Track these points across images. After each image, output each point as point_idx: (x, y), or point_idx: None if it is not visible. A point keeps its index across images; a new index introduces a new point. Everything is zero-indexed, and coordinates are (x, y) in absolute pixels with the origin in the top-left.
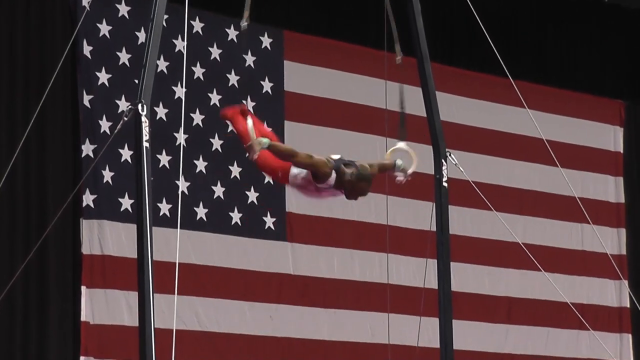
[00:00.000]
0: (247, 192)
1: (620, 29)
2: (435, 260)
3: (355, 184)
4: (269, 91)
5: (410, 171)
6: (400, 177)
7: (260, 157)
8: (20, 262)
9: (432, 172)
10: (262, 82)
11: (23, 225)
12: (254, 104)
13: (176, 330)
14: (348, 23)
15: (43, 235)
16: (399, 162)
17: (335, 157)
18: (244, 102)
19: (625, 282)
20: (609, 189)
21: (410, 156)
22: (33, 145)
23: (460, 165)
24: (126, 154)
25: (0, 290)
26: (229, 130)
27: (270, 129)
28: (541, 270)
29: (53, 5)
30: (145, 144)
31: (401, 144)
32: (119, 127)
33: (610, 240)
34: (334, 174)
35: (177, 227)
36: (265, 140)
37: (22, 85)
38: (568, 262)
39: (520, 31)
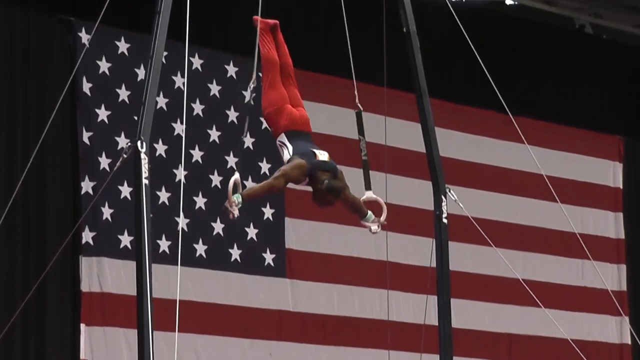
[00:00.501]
0: (246, 229)
1: (619, 65)
2: (436, 297)
3: (323, 192)
4: (268, 128)
5: (382, 220)
6: (373, 227)
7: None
8: (19, 300)
9: (432, 208)
10: (261, 119)
11: (22, 263)
12: (253, 139)
13: None
14: (345, 58)
15: (42, 273)
16: (370, 213)
17: (323, 157)
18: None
19: (626, 319)
20: (609, 224)
21: (380, 205)
22: (32, 182)
23: (460, 201)
24: (125, 190)
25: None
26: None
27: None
28: (541, 307)
29: (52, 42)
30: (145, 181)
31: (369, 193)
32: (118, 164)
33: (610, 276)
34: (307, 179)
35: (177, 264)
36: (238, 197)
37: (22, 122)
38: (568, 298)
39: (519, 67)
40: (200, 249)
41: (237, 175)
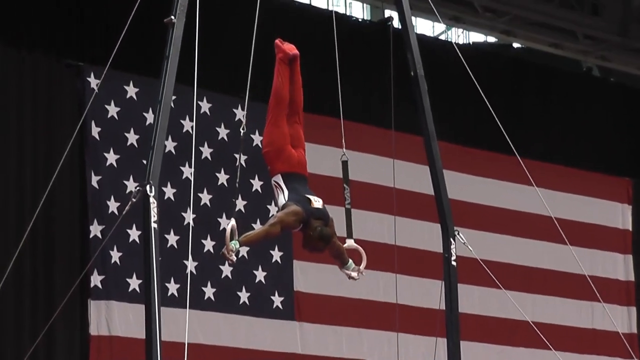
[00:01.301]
0: (254, 272)
1: (626, 108)
2: (445, 339)
3: (314, 238)
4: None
5: (361, 268)
6: (353, 275)
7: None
8: (28, 344)
9: (441, 251)
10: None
11: (30, 306)
12: (261, 182)
13: None
14: (354, 101)
15: (51, 316)
16: (350, 262)
17: (317, 204)
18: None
19: None
20: (618, 267)
21: (360, 254)
22: (41, 226)
23: (469, 243)
24: (134, 234)
25: None
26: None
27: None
28: (551, 349)
29: (61, 87)
30: (154, 225)
31: (350, 242)
32: (127, 208)
33: (620, 319)
34: (300, 226)
35: (185, 307)
36: (235, 244)
37: (31, 165)
38: (578, 340)
39: (526, 109)
40: (209, 291)
41: (233, 222)
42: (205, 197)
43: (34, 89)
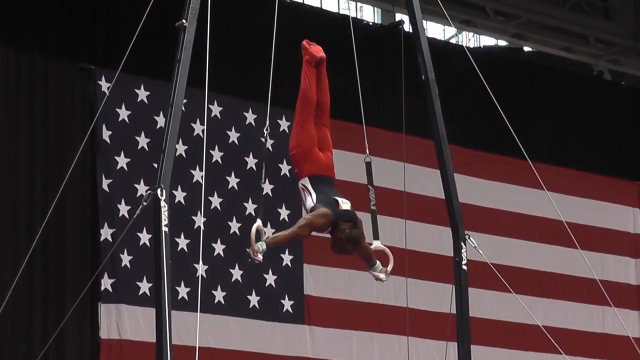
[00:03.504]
0: (265, 275)
1: (637, 111)
2: (456, 343)
3: (343, 240)
4: (287, 174)
5: (389, 269)
6: (381, 276)
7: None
8: (38, 348)
9: (451, 255)
10: (280, 165)
11: (41, 310)
12: (272, 186)
13: None
14: (364, 105)
15: (62, 320)
16: (378, 263)
17: (346, 206)
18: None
19: None
20: (630, 271)
21: (387, 255)
22: (52, 229)
23: (479, 247)
24: (144, 237)
25: None
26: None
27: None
28: (562, 354)
29: (72, 90)
30: (165, 228)
31: (377, 243)
32: (138, 211)
33: (632, 323)
34: (329, 228)
35: (195, 311)
36: (262, 245)
37: (42, 168)
38: (589, 345)
39: (537, 113)
40: (219, 295)
41: (259, 222)
42: (216, 201)
43: (46, 93)
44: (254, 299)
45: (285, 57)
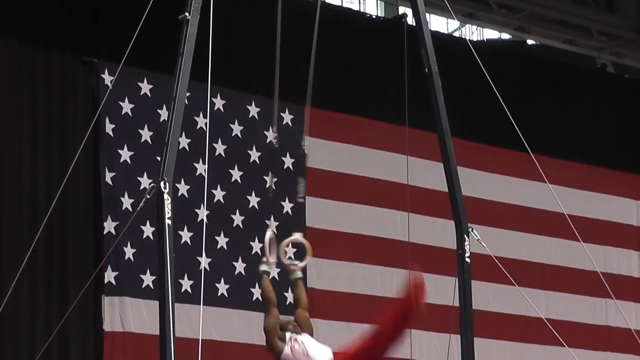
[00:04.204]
0: None
1: None
2: (459, 336)
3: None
4: (290, 167)
5: (305, 263)
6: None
7: None
8: (42, 340)
9: (455, 247)
10: (283, 159)
11: (45, 303)
12: (275, 179)
13: None
14: (368, 98)
15: (65, 312)
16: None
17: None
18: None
19: None
20: (633, 263)
21: (305, 246)
22: (55, 222)
23: (483, 240)
24: (148, 230)
25: None
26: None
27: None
28: (565, 346)
29: (75, 83)
30: (168, 221)
31: (297, 235)
32: (141, 204)
33: (634, 315)
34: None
35: (199, 304)
36: (267, 269)
37: (45, 162)
38: (592, 337)
39: (540, 106)
40: (222, 288)
41: (270, 233)
42: (219, 194)
43: (49, 86)
44: (256, 292)
45: (287, 50)
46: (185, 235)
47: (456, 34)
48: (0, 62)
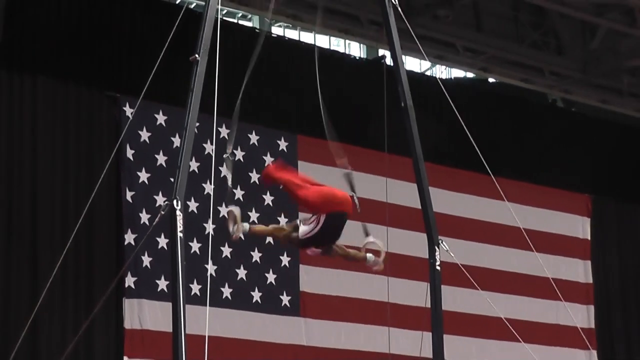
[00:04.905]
0: (266, 274)
1: (586, 134)
2: (430, 333)
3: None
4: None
5: (381, 260)
6: (376, 267)
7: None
8: (71, 336)
9: (427, 257)
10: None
11: (73, 304)
12: (272, 197)
13: None
14: (353, 128)
15: (91, 313)
16: (369, 256)
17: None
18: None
19: (594, 352)
20: (579, 271)
21: (379, 247)
22: (83, 235)
23: (451, 250)
24: (162, 241)
25: None
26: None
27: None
28: (521, 342)
29: (100, 115)
30: (180, 234)
31: (370, 238)
32: (157, 219)
33: (580, 316)
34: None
35: (206, 305)
36: (246, 226)
37: (74, 182)
38: (544, 334)
39: (500, 134)
40: (226, 291)
41: (238, 208)
42: (224, 210)
43: (78, 117)
44: (256, 295)
45: (283, 87)
46: (195, 246)
47: (428, 73)
48: (39, 96)
